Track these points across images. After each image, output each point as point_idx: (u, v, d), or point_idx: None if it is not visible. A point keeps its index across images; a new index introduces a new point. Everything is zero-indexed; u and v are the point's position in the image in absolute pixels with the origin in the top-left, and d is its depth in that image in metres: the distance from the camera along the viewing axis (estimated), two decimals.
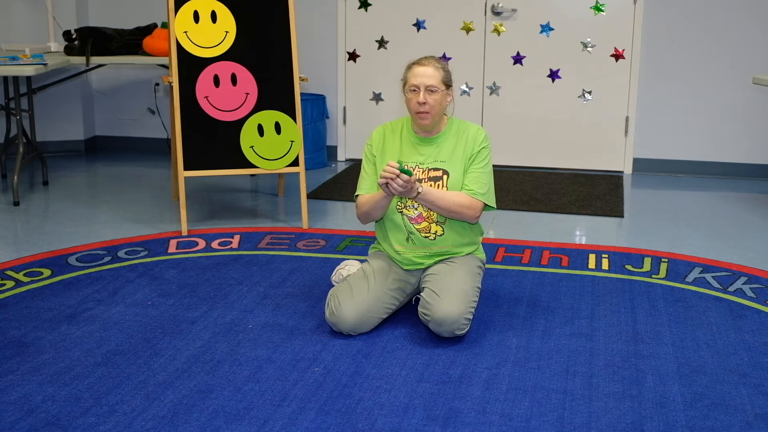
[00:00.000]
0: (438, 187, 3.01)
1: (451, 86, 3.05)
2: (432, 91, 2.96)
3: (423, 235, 3.04)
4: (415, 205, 3.03)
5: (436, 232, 3.04)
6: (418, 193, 2.92)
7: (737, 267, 3.76)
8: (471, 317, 2.92)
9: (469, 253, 3.13)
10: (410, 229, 3.04)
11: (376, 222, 3.18)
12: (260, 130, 4.25)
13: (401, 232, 3.06)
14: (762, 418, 2.43)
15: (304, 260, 3.81)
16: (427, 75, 2.97)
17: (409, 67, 3.05)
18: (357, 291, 2.99)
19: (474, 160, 3.04)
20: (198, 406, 2.47)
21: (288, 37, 4.32)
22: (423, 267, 3.09)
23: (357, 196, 3.14)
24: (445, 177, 3.02)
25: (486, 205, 3.06)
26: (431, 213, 3.03)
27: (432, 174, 3.02)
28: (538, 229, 4.40)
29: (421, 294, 2.99)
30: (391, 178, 2.83)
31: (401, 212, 3.05)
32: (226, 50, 4.22)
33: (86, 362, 2.75)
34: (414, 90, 2.98)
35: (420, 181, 2.99)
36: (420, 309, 2.95)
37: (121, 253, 3.88)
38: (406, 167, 2.88)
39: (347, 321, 2.93)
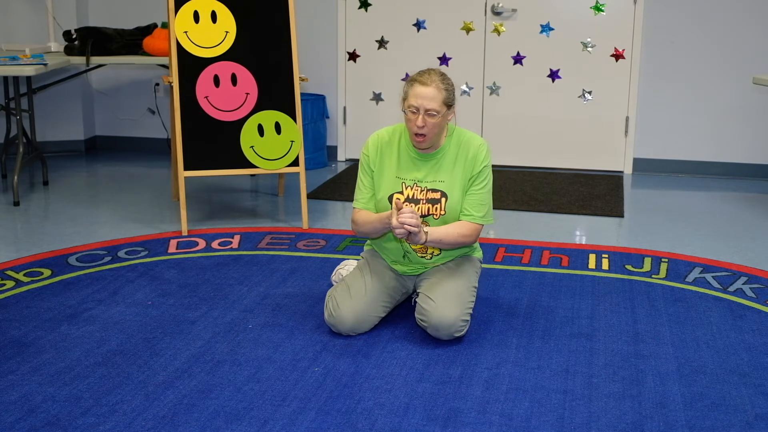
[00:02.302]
0: (436, 210, 2.95)
1: (452, 105, 2.92)
2: (431, 115, 2.83)
3: (420, 255, 3.02)
4: None
5: (433, 252, 3.02)
6: (426, 240, 2.87)
7: (737, 267, 3.76)
8: (468, 318, 2.92)
9: (465, 255, 3.13)
10: (407, 249, 3.01)
11: None
12: (260, 130, 4.25)
13: (398, 251, 3.03)
14: (762, 418, 2.43)
15: (304, 260, 3.81)
16: (428, 97, 2.82)
17: (411, 84, 2.88)
18: (354, 291, 2.98)
19: (474, 181, 2.96)
20: (198, 406, 2.47)
21: (288, 37, 4.32)
22: (418, 273, 3.09)
23: (354, 208, 3.08)
24: (443, 200, 2.95)
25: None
26: None
27: (430, 195, 2.95)
28: (538, 229, 4.40)
29: (417, 300, 2.97)
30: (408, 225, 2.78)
31: None
32: (226, 50, 4.22)
33: (86, 362, 2.75)
34: (413, 111, 2.85)
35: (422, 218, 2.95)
36: (417, 315, 2.94)
37: (121, 253, 3.88)
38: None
39: (346, 321, 2.93)
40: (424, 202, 2.95)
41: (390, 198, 2.97)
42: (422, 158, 2.98)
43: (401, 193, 2.96)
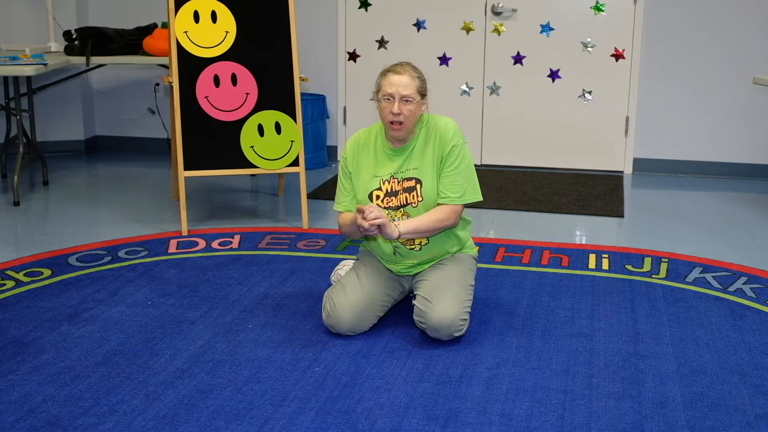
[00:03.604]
0: (414, 197, 2.96)
1: (426, 95, 2.95)
2: (407, 101, 2.87)
3: (408, 247, 3.02)
4: (396, 218, 2.98)
5: (421, 242, 3.01)
6: (399, 233, 2.88)
7: (737, 267, 3.75)
8: (467, 317, 2.92)
9: (459, 251, 3.12)
10: (395, 243, 3.01)
11: None
12: (260, 130, 4.25)
13: (387, 247, 3.03)
14: (762, 419, 2.43)
15: (304, 260, 3.81)
16: (403, 84, 2.87)
17: (384, 74, 2.94)
18: (351, 291, 2.98)
19: (445, 163, 2.95)
20: (198, 406, 2.47)
21: (288, 37, 4.32)
22: (413, 273, 3.09)
23: (338, 211, 3.10)
24: (418, 186, 2.95)
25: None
26: None
27: (406, 184, 2.96)
28: (538, 229, 4.40)
29: (414, 302, 2.97)
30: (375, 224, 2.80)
31: None
32: (226, 50, 4.22)
33: (86, 362, 2.75)
34: (388, 99, 2.89)
35: (397, 211, 2.96)
36: (415, 317, 2.94)
37: (121, 253, 3.88)
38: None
39: (344, 322, 2.93)
40: (402, 192, 2.97)
41: (370, 196, 3.00)
42: (396, 152, 3.00)
43: (380, 189, 2.98)
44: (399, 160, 2.99)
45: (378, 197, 2.98)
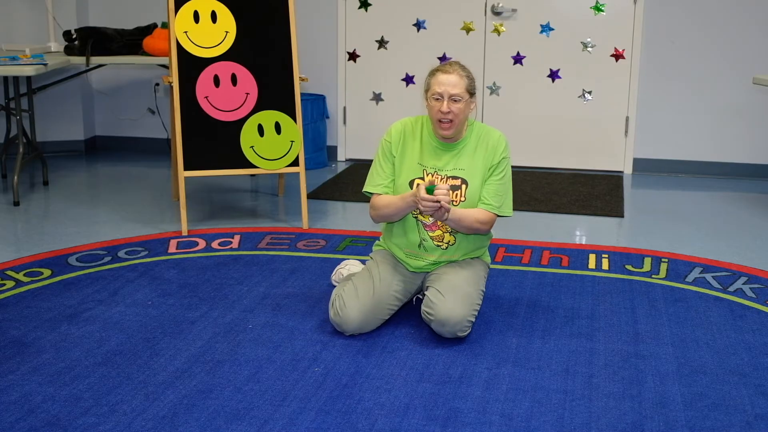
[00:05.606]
0: (457, 196, 2.98)
1: (474, 94, 2.99)
2: (456, 100, 2.91)
3: (436, 243, 3.03)
4: None
5: (449, 241, 3.03)
6: (447, 216, 2.90)
7: (737, 267, 3.76)
8: (474, 319, 2.92)
9: (476, 257, 3.13)
10: (423, 236, 3.02)
11: (387, 223, 3.15)
12: (260, 130, 4.25)
13: (414, 238, 3.04)
14: (762, 419, 2.43)
15: (304, 260, 3.81)
16: (452, 83, 2.91)
17: (433, 74, 2.97)
18: (362, 292, 2.98)
19: (493, 172, 3.01)
20: (198, 406, 2.47)
21: (288, 37, 4.32)
22: (429, 271, 3.09)
23: (370, 193, 3.09)
24: (464, 186, 2.99)
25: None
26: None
27: (451, 182, 2.99)
28: (538, 229, 4.40)
29: (426, 293, 2.98)
30: (437, 201, 2.82)
31: (416, 218, 3.02)
32: (226, 50, 4.22)
33: (86, 362, 2.75)
34: (437, 98, 2.92)
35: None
36: (423, 308, 2.94)
37: (121, 253, 3.88)
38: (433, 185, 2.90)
39: (352, 322, 2.93)
40: None
41: (411, 183, 3.01)
42: (443, 147, 3.03)
43: (422, 179, 3.00)
44: (446, 157, 3.02)
45: (419, 186, 2.98)
